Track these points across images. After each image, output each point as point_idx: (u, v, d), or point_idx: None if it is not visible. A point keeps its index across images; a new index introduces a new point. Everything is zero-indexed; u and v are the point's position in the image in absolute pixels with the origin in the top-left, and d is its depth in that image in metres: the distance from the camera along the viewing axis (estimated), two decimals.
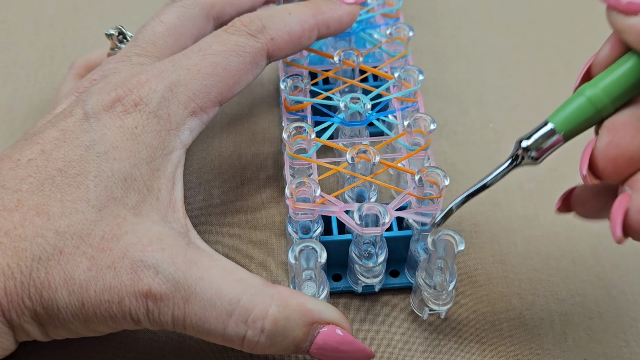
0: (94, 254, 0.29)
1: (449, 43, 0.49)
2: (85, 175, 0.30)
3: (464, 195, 0.31)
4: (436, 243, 0.32)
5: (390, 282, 0.37)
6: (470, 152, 0.43)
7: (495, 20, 0.51)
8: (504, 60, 0.48)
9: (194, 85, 0.32)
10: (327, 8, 0.36)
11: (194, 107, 0.32)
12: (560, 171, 0.42)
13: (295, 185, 0.33)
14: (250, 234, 0.39)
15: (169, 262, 0.29)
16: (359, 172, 0.35)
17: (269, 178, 0.41)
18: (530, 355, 0.35)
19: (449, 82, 0.47)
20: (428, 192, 0.34)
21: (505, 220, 0.40)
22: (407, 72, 0.38)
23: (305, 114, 0.38)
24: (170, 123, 0.32)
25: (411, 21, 0.50)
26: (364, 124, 0.37)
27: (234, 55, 0.33)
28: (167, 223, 0.31)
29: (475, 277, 0.37)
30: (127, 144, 0.31)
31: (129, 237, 0.29)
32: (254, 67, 0.34)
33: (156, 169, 0.31)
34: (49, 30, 0.50)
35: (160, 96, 0.32)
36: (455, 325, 0.36)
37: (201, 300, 0.29)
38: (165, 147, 0.32)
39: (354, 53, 0.39)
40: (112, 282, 0.29)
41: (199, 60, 0.33)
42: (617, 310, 0.36)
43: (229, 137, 0.43)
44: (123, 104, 0.31)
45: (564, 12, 0.51)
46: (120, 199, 0.30)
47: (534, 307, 0.36)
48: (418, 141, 0.36)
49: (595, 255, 0.38)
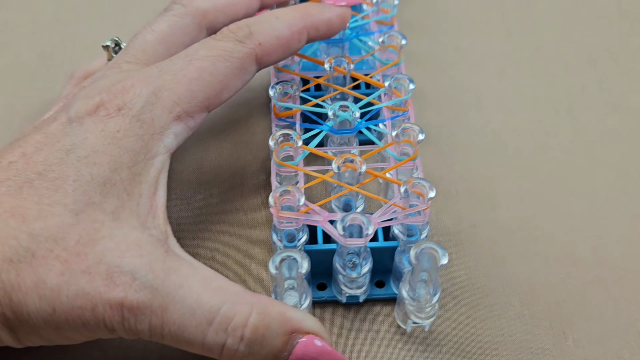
0: (68, 258, 0.28)
1: (448, 45, 0.49)
2: (64, 179, 0.30)
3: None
4: (419, 257, 0.31)
5: (375, 292, 0.36)
6: (469, 154, 0.43)
7: (494, 22, 0.51)
8: (503, 63, 0.48)
9: (179, 90, 0.32)
10: (316, 10, 0.36)
11: (179, 111, 0.32)
12: (560, 171, 0.42)
13: (279, 193, 0.33)
14: (237, 240, 0.39)
15: (147, 269, 0.28)
16: (346, 181, 0.35)
17: (259, 184, 0.41)
18: (530, 355, 0.35)
19: (448, 84, 0.47)
20: (414, 203, 0.34)
21: (505, 221, 0.40)
22: (398, 81, 0.38)
23: (295, 121, 0.38)
24: (154, 127, 0.32)
25: (410, 23, 0.50)
26: (352, 132, 0.37)
27: (221, 60, 0.33)
28: (146, 229, 0.30)
29: (475, 277, 0.37)
30: (108, 148, 0.30)
31: (106, 242, 0.29)
32: (242, 72, 0.34)
33: (138, 173, 0.31)
34: (48, 31, 0.50)
35: (145, 100, 0.31)
36: (455, 326, 0.36)
37: (180, 308, 0.28)
38: (148, 152, 0.31)
39: (345, 60, 0.39)
40: (86, 287, 0.28)
41: (185, 65, 0.33)
42: (617, 310, 0.36)
43: (219, 142, 0.43)
44: (106, 109, 0.31)
45: (563, 14, 0.51)
46: (98, 203, 0.30)
47: (534, 307, 0.36)
48: (407, 151, 0.36)
49: (595, 255, 0.38)
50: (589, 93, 0.46)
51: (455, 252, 0.38)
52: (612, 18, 0.51)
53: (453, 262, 0.38)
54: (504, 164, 0.42)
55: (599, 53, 0.49)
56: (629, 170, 0.42)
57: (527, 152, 0.43)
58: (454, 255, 0.38)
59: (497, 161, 0.42)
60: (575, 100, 0.46)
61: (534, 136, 0.44)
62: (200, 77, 0.32)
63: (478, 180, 0.42)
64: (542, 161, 0.42)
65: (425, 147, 0.43)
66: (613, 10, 0.51)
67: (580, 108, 0.45)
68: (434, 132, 0.44)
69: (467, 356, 0.35)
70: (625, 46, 0.49)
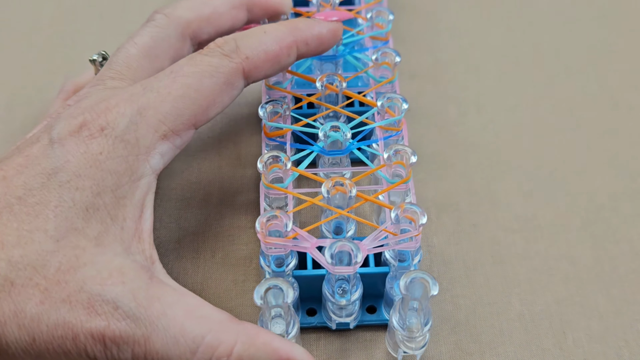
0: (48, 287, 0.27)
1: (449, 44, 0.49)
2: (45, 205, 0.29)
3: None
4: (409, 286, 0.30)
5: (367, 318, 0.35)
6: (470, 153, 0.43)
7: (494, 21, 0.51)
8: (503, 61, 0.48)
9: (164, 108, 0.31)
10: (305, 25, 0.35)
11: (165, 130, 0.31)
12: (560, 171, 0.42)
13: (266, 218, 0.32)
14: (228, 260, 0.38)
15: (130, 297, 0.28)
16: (337, 204, 0.34)
17: (250, 202, 0.40)
18: (529, 355, 0.35)
19: (449, 84, 0.47)
20: (406, 228, 0.33)
21: (505, 221, 0.40)
22: (391, 100, 0.37)
23: (285, 141, 0.37)
24: (139, 148, 0.30)
25: (410, 23, 0.50)
26: (344, 154, 0.36)
27: (207, 76, 0.32)
28: (130, 255, 0.30)
29: (475, 277, 0.37)
30: (91, 171, 0.29)
31: (87, 270, 0.28)
32: (229, 88, 0.33)
33: (122, 196, 0.30)
34: (48, 30, 0.50)
35: (128, 120, 0.30)
36: (455, 326, 0.36)
37: (163, 337, 0.28)
38: (133, 173, 0.30)
39: (337, 78, 0.38)
40: (67, 316, 0.27)
41: (170, 82, 0.31)
42: (617, 310, 0.36)
43: (211, 158, 0.43)
44: (89, 129, 0.30)
45: (563, 13, 0.51)
46: (81, 229, 0.29)
47: (533, 308, 0.36)
48: (399, 173, 0.35)
49: (595, 255, 0.38)
50: (589, 92, 0.46)
51: (455, 252, 0.38)
52: (613, 17, 0.51)
53: (453, 262, 0.38)
54: (504, 163, 0.42)
55: (599, 52, 0.48)
56: (629, 169, 0.42)
57: (527, 152, 0.43)
58: (454, 254, 0.38)
59: (498, 160, 0.42)
60: (576, 100, 0.46)
61: (534, 136, 0.44)
62: (186, 94, 0.31)
63: (478, 180, 0.41)
64: (543, 160, 0.42)
65: (426, 146, 0.43)
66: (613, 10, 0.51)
67: (580, 107, 0.45)
68: (434, 132, 0.44)
69: (467, 356, 0.35)
70: (626, 45, 0.49)
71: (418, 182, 0.41)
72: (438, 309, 0.36)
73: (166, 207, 0.40)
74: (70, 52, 0.49)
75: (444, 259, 0.38)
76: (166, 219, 0.40)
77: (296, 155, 0.37)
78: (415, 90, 0.46)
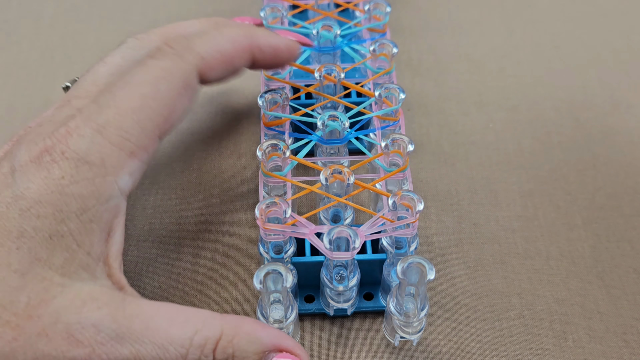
0: (19, 323, 0.27)
1: (449, 43, 0.49)
2: (6, 236, 0.27)
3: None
4: (406, 271, 0.31)
5: (364, 305, 0.36)
6: (471, 153, 0.43)
7: (495, 20, 0.51)
8: (504, 61, 0.48)
9: (125, 124, 0.29)
10: (262, 33, 0.34)
11: (131, 147, 0.29)
12: (561, 171, 0.42)
13: (266, 205, 0.32)
14: (228, 260, 0.38)
15: (109, 320, 0.27)
16: (335, 192, 0.34)
17: (251, 203, 0.41)
18: (530, 355, 0.35)
19: (449, 82, 0.47)
20: (403, 215, 0.33)
21: (505, 220, 0.40)
22: (389, 90, 0.37)
23: (284, 130, 0.37)
24: (105, 168, 0.29)
25: (410, 21, 0.50)
26: (342, 143, 0.36)
27: (162, 81, 0.30)
28: (98, 280, 0.29)
29: (475, 277, 0.37)
30: (52, 197, 0.28)
31: (58, 301, 0.27)
32: (187, 90, 0.31)
33: (88, 221, 0.29)
34: (49, 30, 0.50)
35: (89, 141, 0.29)
36: (455, 325, 0.36)
37: (152, 350, 0.28)
38: (100, 196, 0.29)
39: (335, 69, 0.38)
40: (46, 349, 0.27)
41: (125, 94, 0.30)
42: (617, 310, 0.36)
43: (212, 158, 0.43)
44: (50, 154, 0.29)
45: (564, 12, 0.51)
46: (45, 259, 0.28)
47: (534, 307, 0.36)
48: (396, 161, 0.36)
49: (595, 255, 0.38)
50: (589, 92, 0.46)
51: (456, 252, 0.38)
52: (613, 16, 0.51)
53: (453, 262, 0.38)
54: (504, 163, 0.42)
55: (599, 51, 0.48)
56: (629, 169, 0.42)
57: (527, 151, 0.43)
58: (454, 254, 0.38)
59: (498, 160, 0.43)
60: (576, 99, 0.46)
61: (535, 135, 0.44)
62: (145, 104, 0.30)
63: (479, 180, 0.42)
64: (543, 160, 0.42)
65: (426, 146, 0.43)
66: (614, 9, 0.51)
67: (581, 107, 0.45)
68: (435, 131, 0.44)
69: (468, 355, 0.35)
70: (626, 44, 0.49)
71: (418, 182, 0.41)
72: (439, 308, 0.36)
73: (166, 207, 0.40)
74: (70, 52, 0.49)
75: (444, 258, 0.38)
76: (166, 218, 0.40)
77: (294, 145, 0.37)
78: (416, 89, 0.46)
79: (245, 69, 0.34)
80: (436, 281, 0.37)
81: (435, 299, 0.37)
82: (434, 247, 0.39)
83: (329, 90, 0.39)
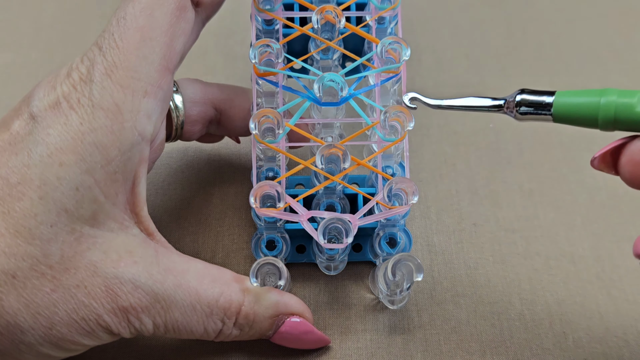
0: (55, 275, 0.27)
1: (449, 43, 0.49)
2: (28, 185, 0.27)
3: (441, 101, 0.31)
4: (396, 271, 0.32)
5: (353, 257, 0.37)
6: (471, 153, 0.43)
7: (495, 19, 0.51)
8: (504, 60, 0.48)
9: (130, 62, 0.28)
10: None
11: (143, 86, 0.29)
12: (561, 171, 0.42)
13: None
14: (229, 260, 0.38)
15: (146, 275, 0.29)
16: (328, 167, 0.33)
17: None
18: (530, 355, 0.35)
19: (449, 82, 0.47)
20: (396, 192, 0.33)
21: (505, 220, 0.40)
22: (392, 44, 0.34)
23: (277, 81, 0.35)
24: (122, 114, 0.28)
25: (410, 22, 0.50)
26: (339, 104, 0.34)
27: (156, 7, 0.29)
28: (127, 230, 0.29)
29: (475, 277, 0.37)
30: (74, 144, 0.28)
31: (93, 253, 0.28)
32: (182, 12, 0.30)
33: (113, 172, 0.28)
34: (49, 30, 0.50)
35: (100, 86, 0.28)
36: (455, 325, 0.36)
37: (181, 307, 0.30)
38: (121, 145, 0.28)
39: (334, 12, 0.34)
40: (86, 300, 0.28)
41: (123, 31, 0.29)
42: (617, 310, 0.36)
43: (212, 158, 0.43)
44: (67, 100, 0.28)
45: (564, 12, 0.51)
46: (73, 211, 0.28)
47: (534, 307, 0.36)
48: (394, 126, 0.34)
49: (595, 255, 0.38)
50: None
51: (456, 251, 0.38)
52: (613, 15, 0.51)
53: (453, 262, 0.38)
54: (504, 162, 0.42)
55: (600, 51, 0.48)
56: None
57: (527, 151, 0.43)
58: (454, 254, 0.38)
59: (498, 160, 0.42)
60: None
61: (535, 135, 0.44)
62: (144, 36, 0.29)
63: (479, 179, 0.42)
64: (543, 160, 0.42)
65: (427, 146, 0.43)
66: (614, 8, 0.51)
67: None
68: (435, 131, 0.44)
69: (468, 355, 0.35)
70: (627, 44, 0.49)
71: (419, 182, 0.41)
72: (439, 308, 0.36)
73: (166, 207, 0.40)
74: (70, 52, 0.49)
75: (444, 258, 0.38)
76: (166, 218, 0.40)
77: (287, 105, 0.34)
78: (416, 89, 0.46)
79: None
80: (436, 281, 0.37)
81: (435, 299, 0.37)
82: (434, 247, 0.39)
83: (325, 29, 0.36)
